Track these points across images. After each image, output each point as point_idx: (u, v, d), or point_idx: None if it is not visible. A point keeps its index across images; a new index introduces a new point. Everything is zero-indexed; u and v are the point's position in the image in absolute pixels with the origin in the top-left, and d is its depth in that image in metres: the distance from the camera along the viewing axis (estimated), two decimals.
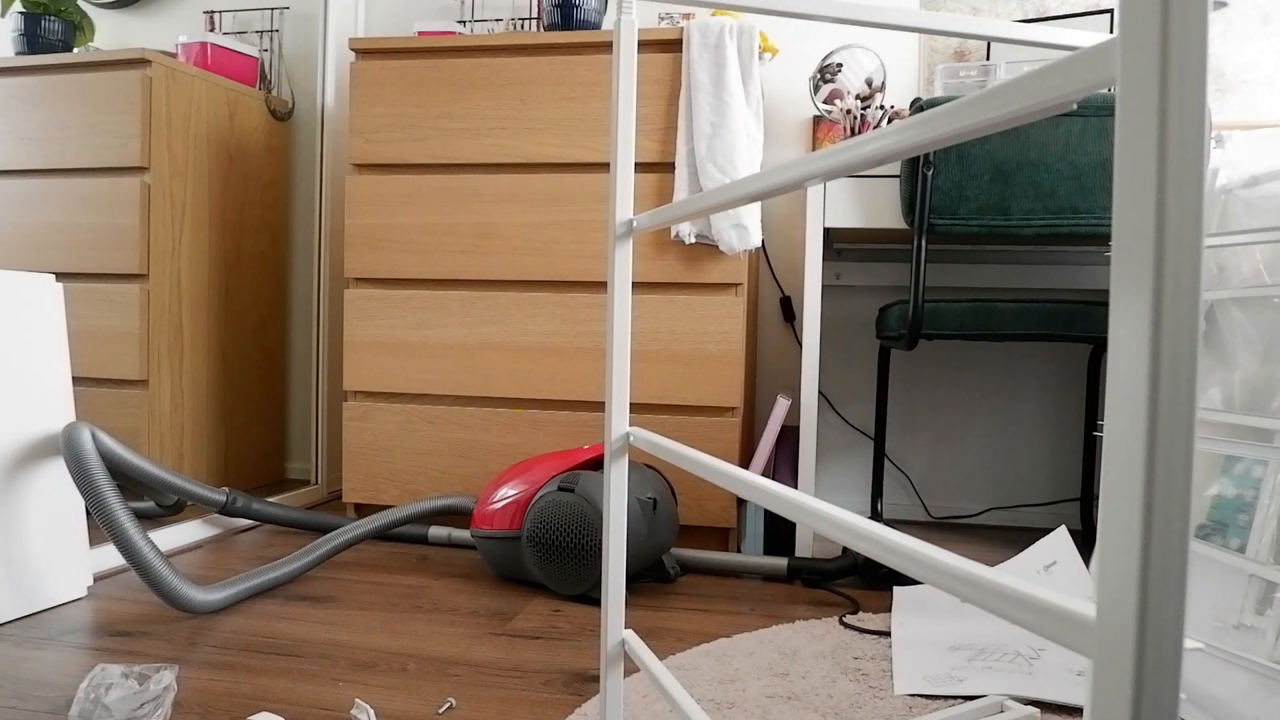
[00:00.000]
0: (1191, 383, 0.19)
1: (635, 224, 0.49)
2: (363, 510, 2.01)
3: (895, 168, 1.67)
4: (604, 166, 1.87)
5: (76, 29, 2.23)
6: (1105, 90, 1.87)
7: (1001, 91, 0.24)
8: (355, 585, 1.54)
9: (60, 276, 1.50)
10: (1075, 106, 0.80)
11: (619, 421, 0.50)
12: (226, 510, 1.70)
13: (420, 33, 2.10)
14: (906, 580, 1.52)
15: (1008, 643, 1.22)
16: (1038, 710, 0.95)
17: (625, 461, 0.51)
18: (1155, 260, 0.19)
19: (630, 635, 0.52)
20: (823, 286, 1.77)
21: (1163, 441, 0.19)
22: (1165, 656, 0.19)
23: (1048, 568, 1.37)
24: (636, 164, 1.86)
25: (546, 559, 1.47)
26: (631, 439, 0.49)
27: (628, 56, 0.47)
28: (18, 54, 2.13)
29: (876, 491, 1.95)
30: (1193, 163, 0.18)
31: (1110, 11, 1.95)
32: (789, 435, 2.00)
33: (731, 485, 0.38)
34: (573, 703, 1.07)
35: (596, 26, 1.95)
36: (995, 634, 1.26)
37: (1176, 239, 0.18)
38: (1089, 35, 0.70)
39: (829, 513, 0.33)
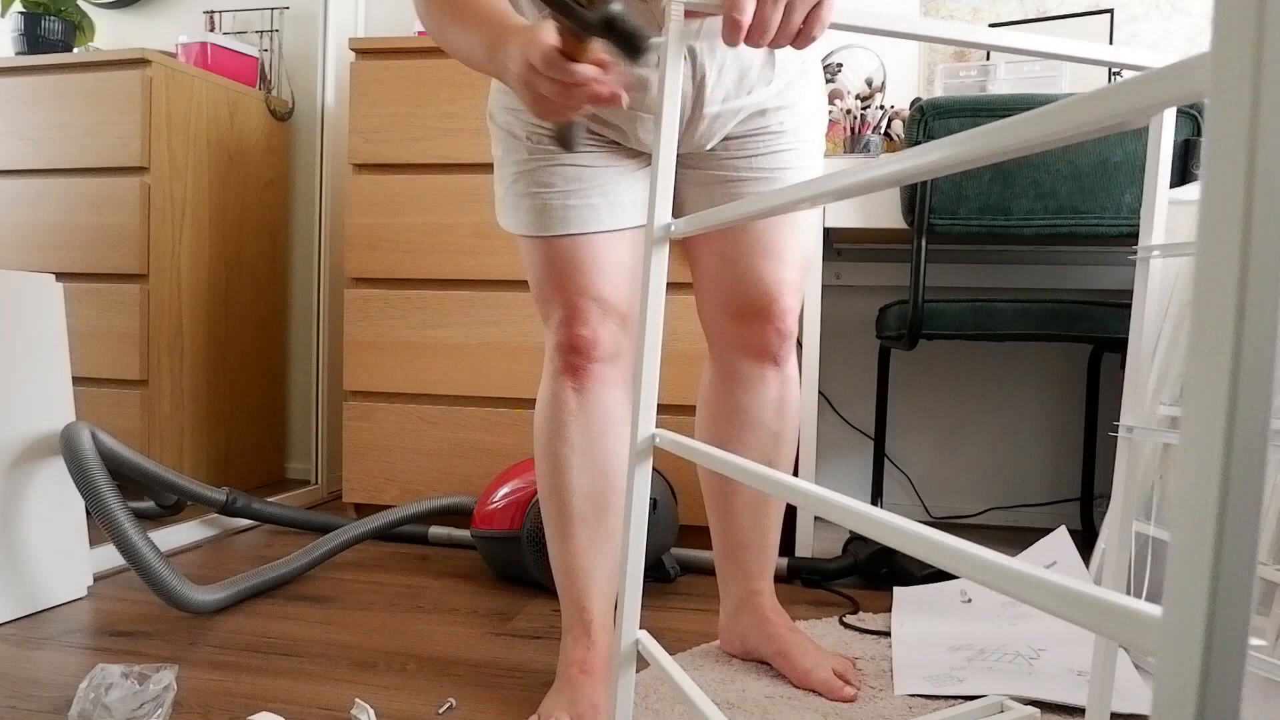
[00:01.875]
0: (1269, 387, 0.19)
1: (673, 229, 0.49)
2: (363, 510, 2.01)
3: None
4: None
5: (76, 29, 2.23)
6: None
7: (1080, 104, 0.24)
8: (355, 585, 1.54)
9: (60, 276, 1.49)
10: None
11: (645, 424, 0.50)
12: (226, 510, 1.70)
13: (420, 33, 2.10)
14: (907, 580, 1.52)
15: (1007, 643, 1.22)
16: (1037, 710, 0.95)
17: (649, 463, 0.50)
18: (1240, 271, 0.19)
19: (645, 636, 0.52)
20: (823, 286, 1.77)
21: (1239, 443, 0.19)
22: (1231, 656, 0.19)
23: (1048, 568, 1.37)
24: None
25: (547, 559, 1.46)
26: (657, 440, 0.49)
27: (675, 56, 0.47)
28: (18, 54, 2.13)
29: (876, 491, 1.95)
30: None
31: (1111, 11, 1.95)
32: None
33: (765, 486, 0.38)
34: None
35: None
36: (995, 634, 1.26)
37: (1262, 253, 0.19)
38: (1090, 46, 0.70)
39: (871, 513, 0.32)
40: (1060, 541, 1.43)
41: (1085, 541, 1.85)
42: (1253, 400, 0.19)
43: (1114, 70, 1.91)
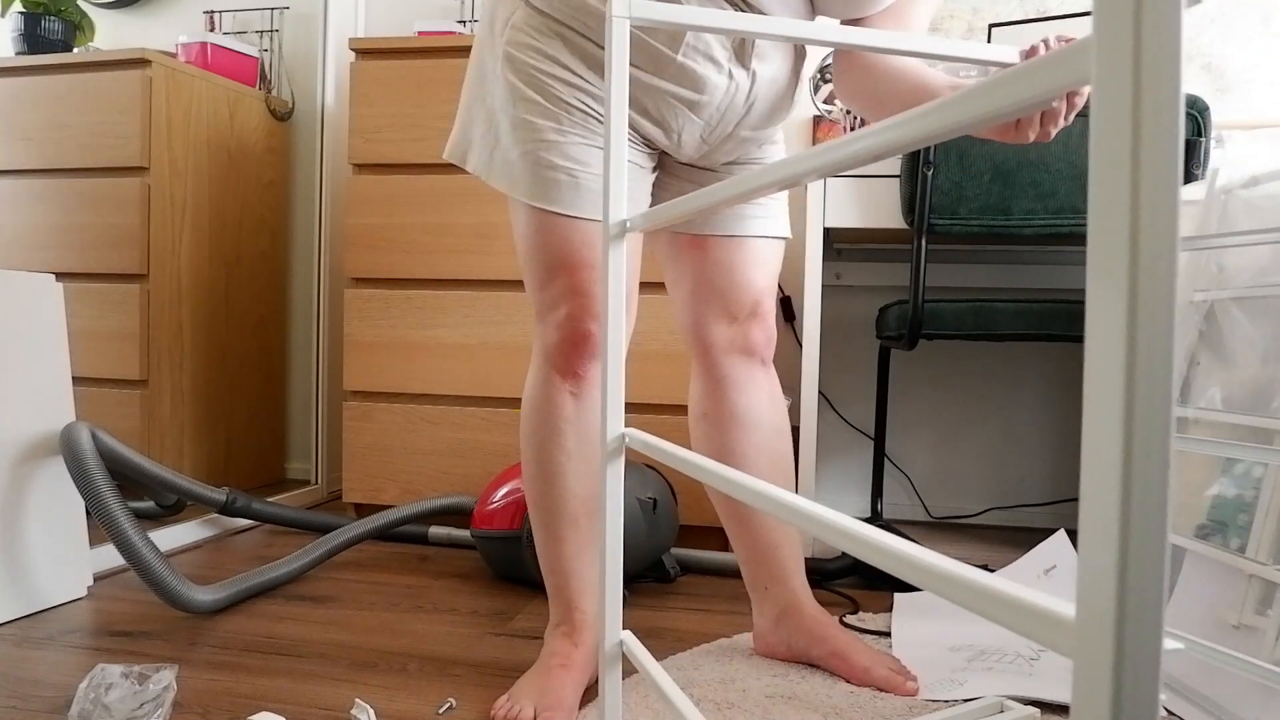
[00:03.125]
0: (1168, 381, 0.19)
1: (629, 224, 0.48)
2: (363, 510, 2.01)
3: (895, 167, 1.67)
4: None
5: (76, 29, 2.23)
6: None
7: (976, 93, 0.24)
8: (355, 585, 1.54)
9: (60, 276, 1.50)
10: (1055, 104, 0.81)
11: (614, 423, 0.50)
12: (226, 510, 1.70)
13: (420, 33, 2.10)
14: (909, 585, 1.52)
15: (1008, 643, 1.22)
16: (1038, 710, 0.95)
17: (621, 463, 0.50)
18: (1130, 259, 0.19)
19: (629, 636, 0.51)
20: (823, 286, 1.77)
21: (1139, 438, 0.19)
22: (1145, 656, 0.19)
23: (1048, 571, 1.37)
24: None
25: None
26: (627, 440, 0.49)
27: (620, 55, 0.47)
28: (18, 54, 2.13)
29: (876, 491, 1.95)
30: (1168, 159, 0.18)
31: None
32: None
33: (724, 486, 0.38)
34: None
35: None
36: (995, 635, 1.26)
37: (1151, 237, 0.18)
38: (968, 45, 0.70)
39: (814, 511, 0.32)
40: (1059, 545, 1.43)
41: None
42: (1151, 387, 0.19)
43: None
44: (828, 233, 1.83)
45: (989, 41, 2.00)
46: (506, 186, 1.02)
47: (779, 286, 2.15)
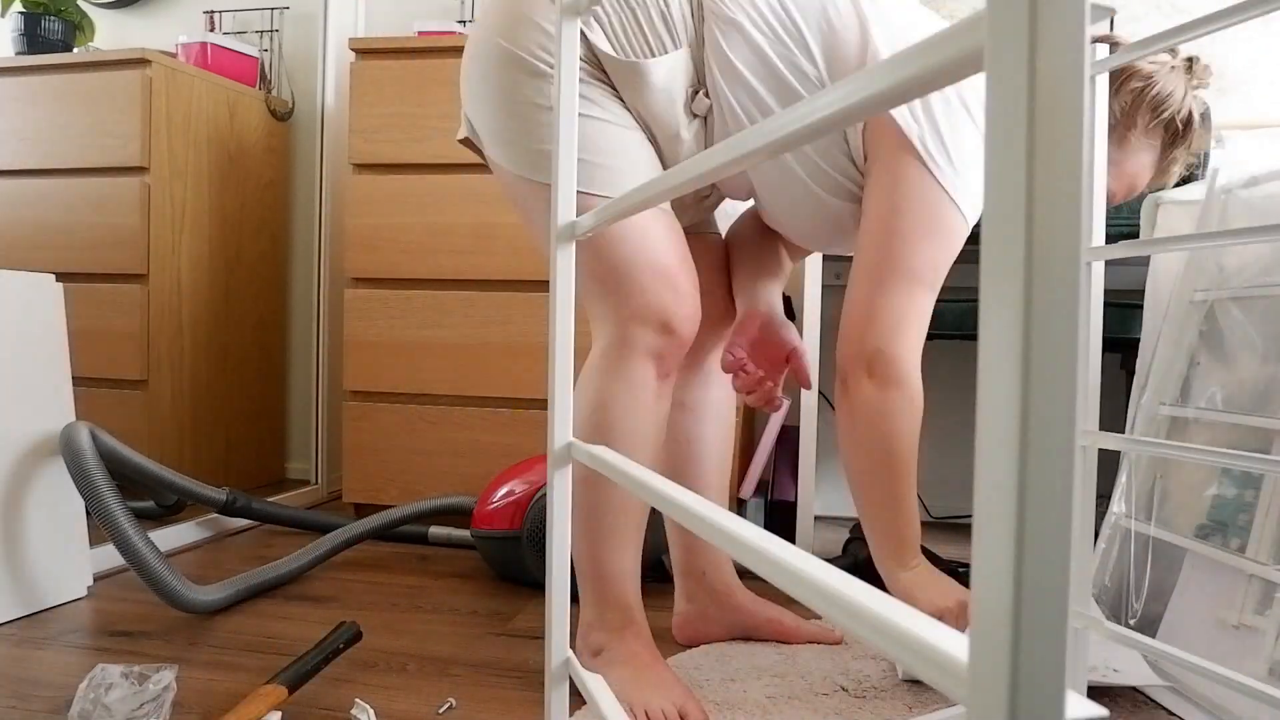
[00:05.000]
0: (1071, 374, 0.17)
1: (578, 226, 0.47)
2: (363, 510, 2.01)
3: None
4: None
5: (76, 29, 2.23)
6: None
7: (872, 73, 0.23)
8: (355, 585, 1.54)
9: (60, 276, 1.49)
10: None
11: (561, 431, 0.49)
12: (226, 510, 1.70)
13: (420, 33, 2.10)
14: None
15: None
16: None
17: (569, 471, 0.49)
18: (1025, 267, 0.17)
19: (573, 657, 0.50)
20: (823, 286, 1.77)
21: (1035, 440, 0.17)
22: (1042, 707, 0.17)
23: None
24: None
25: (546, 559, 1.47)
26: (573, 452, 0.48)
27: (570, 54, 0.47)
28: (18, 54, 2.13)
29: None
30: (1069, 154, 0.17)
31: (1111, 11, 1.95)
32: (789, 435, 1.99)
33: (658, 502, 0.37)
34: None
35: None
36: None
37: (1047, 236, 0.17)
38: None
39: (727, 526, 0.31)
40: None
41: None
42: (1050, 388, 0.17)
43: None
44: None
45: None
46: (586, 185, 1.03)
47: None
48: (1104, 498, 2.05)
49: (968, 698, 0.18)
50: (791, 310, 2.14)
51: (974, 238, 1.70)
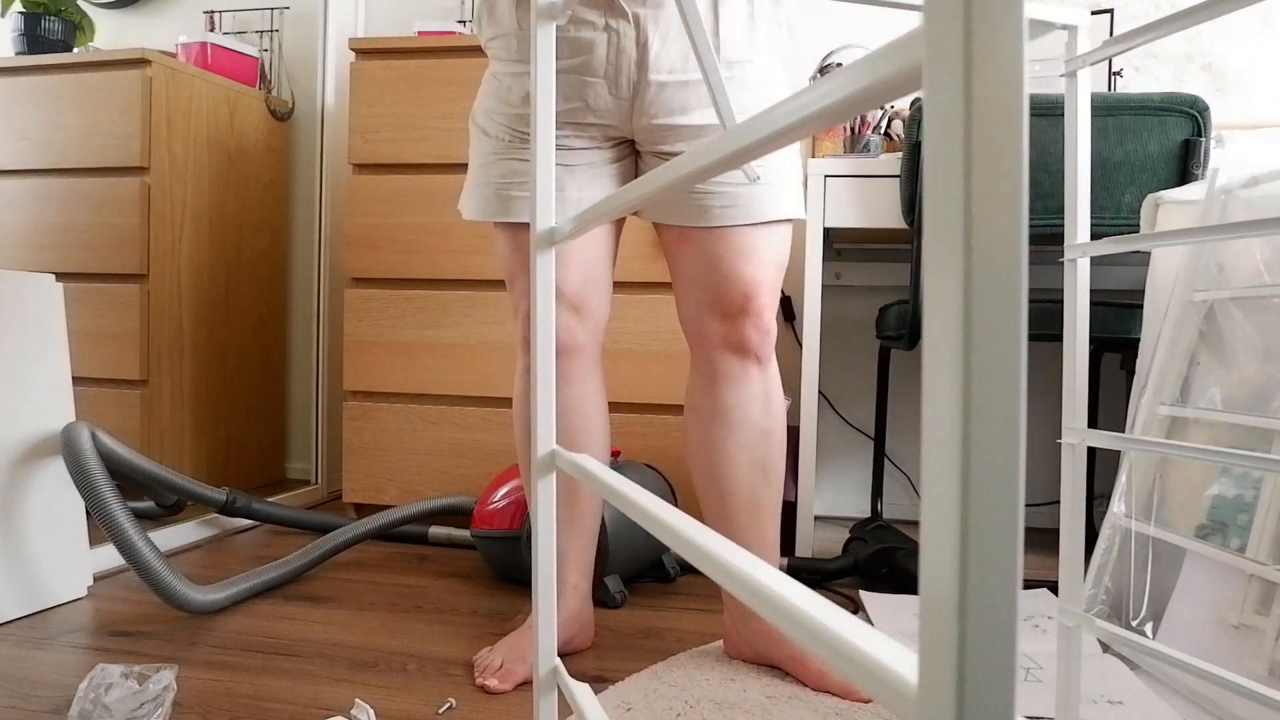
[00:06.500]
0: (1016, 371, 0.16)
1: (557, 232, 0.47)
2: (363, 510, 2.01)
3: (895, 168, 1.67)
4: None
5: (76, 29, 2.23)
6: (1104, 90, 1.86)
7: (816, 90, 0.23)
8: (355, 585, 1.54)
9: (60, 276, 1.49)
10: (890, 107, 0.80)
11: (545, 439, 0.49)
12: (226, 510, 1.70)
13: (420, 33, 2.10)
14: (908, 581, 1.52)
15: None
16: None
17: (552, 480, 0.50)
18: (965, 275, 0.16)
19: (561, 665, 0.50)
20: (823, 286, 1.77)
21: (976, 441, 0.16)
22: None
23: (1025, 619, 1.34)
24: None
25: None
26: (556, 460, 0.48)
27: (545, 59, 0.47)
28: (18, 54, 2.13)
29: (876, 491, 1.95)
30: (1010, 164, 0.16)
31: (1111, 11, 1.95)
32: (789, 435, 1.99)
33: (638, 515, 0.37)
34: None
35: None
36: None
37: (987, 243, 0.16)
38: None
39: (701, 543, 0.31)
40: (1040, 599, 1.42)
41: (1085, 541, 1.85)
42: (994, 390, 0.16)
43: (1114, 71, 1.91)
44: (828, 233, 1.83)
45: None
46: (463, 210, 1.18)
47: None
48: (1104, 498, 2.05)
49: (916, 717, 0.17)
50: (791, 310, 2.14)
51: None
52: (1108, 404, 2.02)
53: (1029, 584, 1.50)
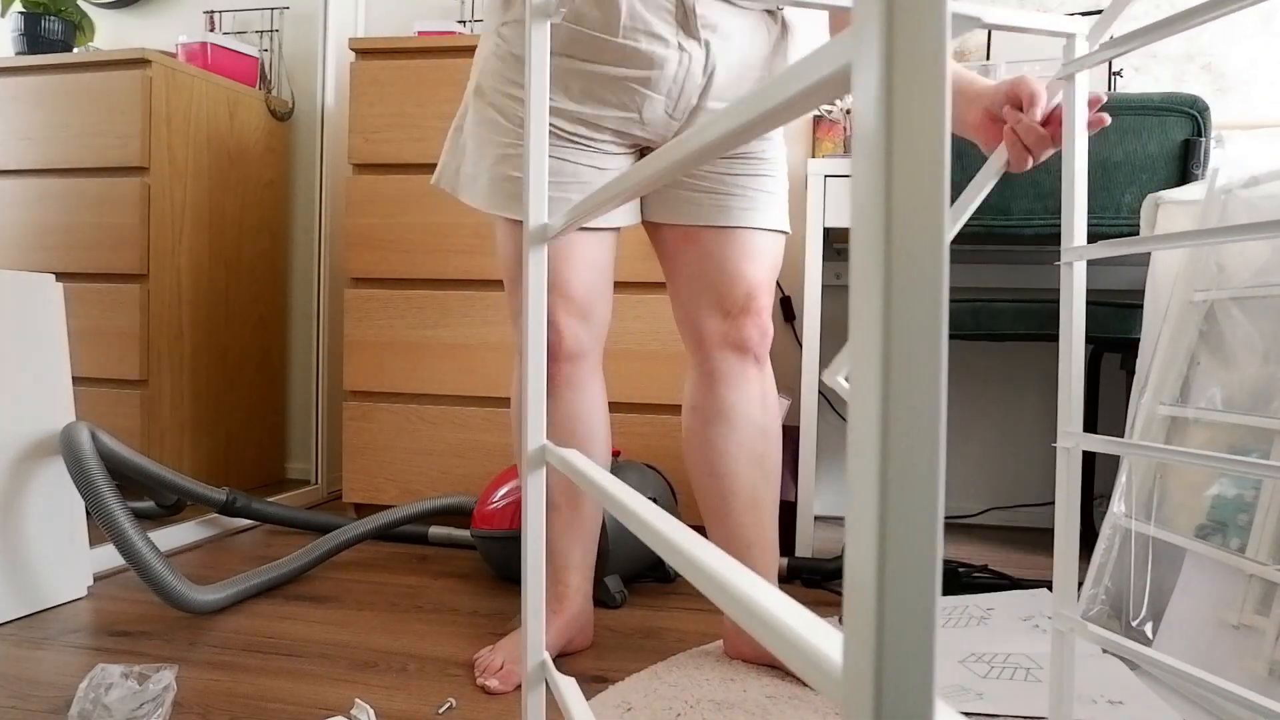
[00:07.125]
0: (937, 361, 0.17)
1: (550, 228, 0.48)
2: (363, 510, 2.01)
3: None
4: None
5: (76, 29, 2.23)
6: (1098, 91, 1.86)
7: (754, 98, 0.23)
8: (355, 585, 1.54)
9: (60, 276, 1.49)
10: (821, 110, 0.80)
11: (535, 435, 0.49)
12: (226, 510, 1.70)
13: (420, 33, 2.10)
14: None
15: (1030, 651, 1.21)
16: None
17: (542, 474, 0.50)
18: (885, 272, 0.16)
19: (549, 660, 0.50)
20: (823, 286, 1.77)
21: (896, 434, 0.17)
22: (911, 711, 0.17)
23: (1025, 619, 1.34)
24: None
25: None
26: (548, 456, 0.48)
27: (540, 54, 0.47)
28: (18, 54, 2.13)
29: None
30: (931, 174, 0.16)
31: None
32: (789, 435, 1.99)
33: (622, 515, 0.37)
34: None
35: None
36: (1015, 646, 1.25)
37: (908, 243, 0.16)
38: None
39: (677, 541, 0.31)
40: (1040, 600, 1.42)
41: (1085, 541, 1.85)
42: (910, 377, 0.17)
43: (1115, 71, 1.91)
44: (828, 233, 1.83)
45: (988, 45, 2.01)
46: (470, 198, 1.13)
47: (779, 286, 2.15)
48: (1104, 497, 2.05)
49: (842, 699, 0.18)
50: (791, 310, 2.14)
51: (972, 238, 1.70)
52: (1108, 404, 2.02)
53: (1029, 584, 1.50)
